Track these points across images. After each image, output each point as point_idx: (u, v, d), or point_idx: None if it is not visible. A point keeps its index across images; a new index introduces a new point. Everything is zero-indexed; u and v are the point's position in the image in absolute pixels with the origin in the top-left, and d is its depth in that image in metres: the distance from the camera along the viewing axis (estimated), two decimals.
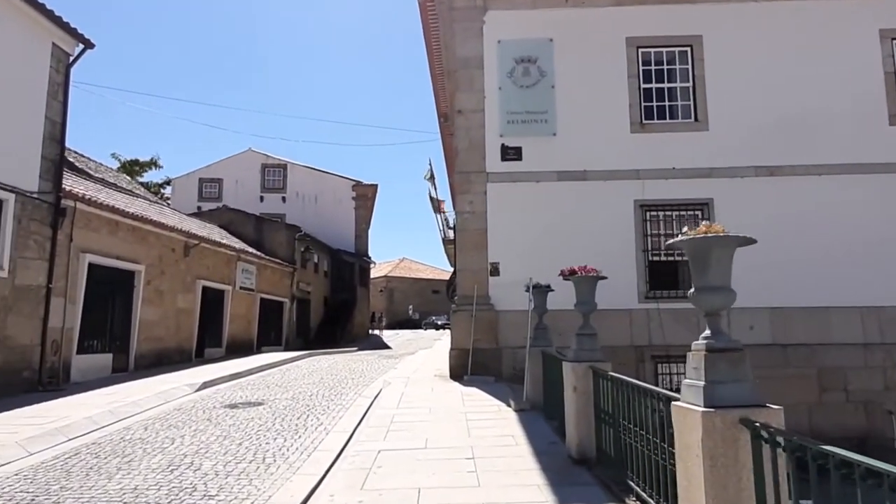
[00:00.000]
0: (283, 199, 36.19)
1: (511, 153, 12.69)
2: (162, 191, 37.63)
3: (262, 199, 35.70)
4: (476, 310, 12.04)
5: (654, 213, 12.40)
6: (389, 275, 62.16)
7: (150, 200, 20.57)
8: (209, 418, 8.91)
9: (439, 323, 52.91)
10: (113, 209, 13.02)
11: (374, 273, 52.14)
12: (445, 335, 39.45)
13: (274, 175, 36.71)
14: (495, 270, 12.37)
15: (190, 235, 16.88)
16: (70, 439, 7.63)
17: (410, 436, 7.13)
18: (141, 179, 35.90)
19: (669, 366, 11.81)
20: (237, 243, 22.25)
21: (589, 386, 5.66)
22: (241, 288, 20.80)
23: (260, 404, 10.11)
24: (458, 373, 11.98)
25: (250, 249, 22.69)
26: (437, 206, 21.94)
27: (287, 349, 24.71)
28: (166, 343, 15.80)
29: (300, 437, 7.64)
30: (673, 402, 3.47)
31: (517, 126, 12.74)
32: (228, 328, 19.87)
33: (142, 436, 7.83)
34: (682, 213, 12.36)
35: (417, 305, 59.88)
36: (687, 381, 3.31)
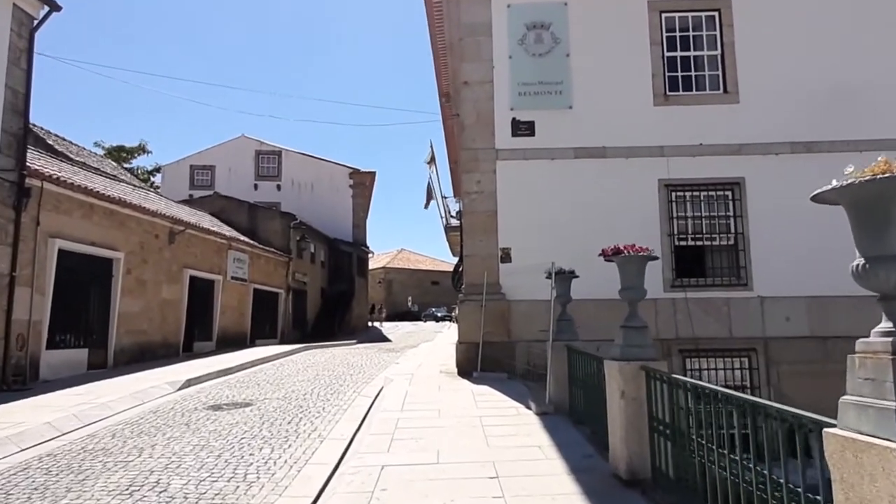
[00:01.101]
0: (278, 186, 35.01)
1: (523, 128, 11.59)
2: (151, 178, 36.43)
3: (256, 186, 34.51)
4: (486, 300, 10.98)
5: (679, 193, 11.32)
6: (388, 266, 61.07)
7: (135, 185, 19.43)
8: (188, 423, 7.84)
9: (439, 315, 51.95)
10: (86, 190, 11.88)
11: (373, 264, 51.00)
12: (446, 327, 38.43)
13: (268, 162, 35.50)
14: (506, 256, 11.29)
15: (175, 221, 15.76)
16: (22, 450, 6.56)
17: (419, 446, 6.07)
18: (128, 166, 34.62)
19: (699, 360, 10.76)
20: (228, 231, 21.13)
21: (641, 391, 4.60)
22: (232, 278, 19.70)
23: (247, 405, 9.04)
24: (467, 369, 10.93)
25: (242, 237, 21.56)
26: (431, 194, 20.80)
27: (282, 342, 23.65)
28: (150, 337, 14.72)
29: (290, 445, 6.59)
30: (829, 431, 2.38)
31: (529, 98, 11.63)
32: (219, 320, 18.79)
33: (106, 445, 6.76)
34: (711, 192, 11.29)
35: (416, 297, 58.84)
36: (853, 398, 2.24)
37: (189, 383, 11.08)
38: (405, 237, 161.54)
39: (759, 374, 10.64)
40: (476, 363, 10.84)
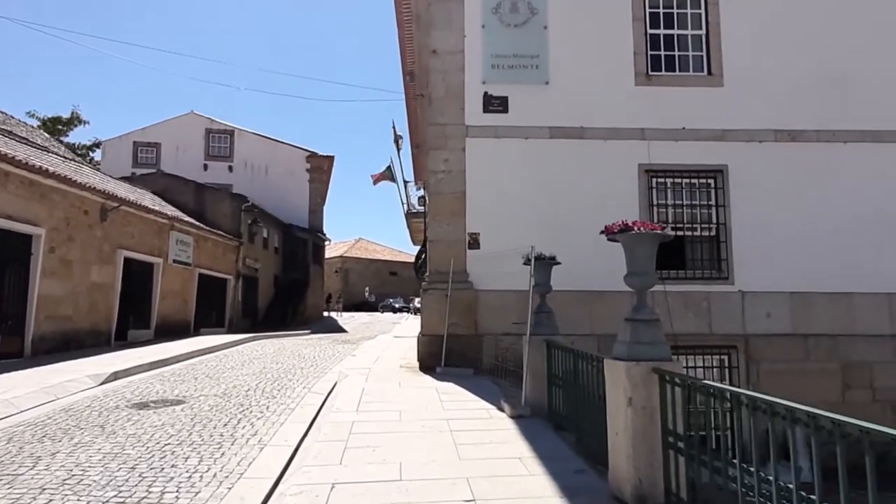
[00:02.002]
0: (230, 168, 33.24)
1: (495, 103, 10.69)
2: (91, 154, 34.03)
3: (205, 167, 32.66)
4: (452, 288, 10.06)
5: (660, 179, 10.63)
6: (345, 255, 59.54)
7: (66, 158, 17.69)
8: (104, 424, 6.67)
9: (397, 306, 50.88)
10: None
11: (329, 252, 49.49)
12: (404, 318, 37.47)
13: (220, 142, 33.64)
14: (475, 242, 10.40)
15: (108, 196, 14.25)
16: None
17: (377, 457, 5.11)
18: (67, 140, 32.21)
19: (677, 358, 10.07)
20: (171, 210, 19.58)
21: (653, 398, 3.76)
22: (174, 261, 18.21)
23: (179, 403, 7.90)
24: (430, 363, 10.01)
25: (187, 218, 20.03)
26: (390, 175, 19.76)
27: (230, 331, 22.24)
28: (76, 324, 13.26)
29: (223, 454, 5.54)
30: None
31: (503, 72, 10.73)
32: (158, 307, 17.32)
33: None
34: (693, 180, 10.63)
35: (374, 287, 57.58)
36: None
37: (115, 376, 9.83)
38: (363, 226, 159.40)
39: (739, 372, 10.08)
40: (440, 357, 9.93)
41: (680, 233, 10.55)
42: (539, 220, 10.23)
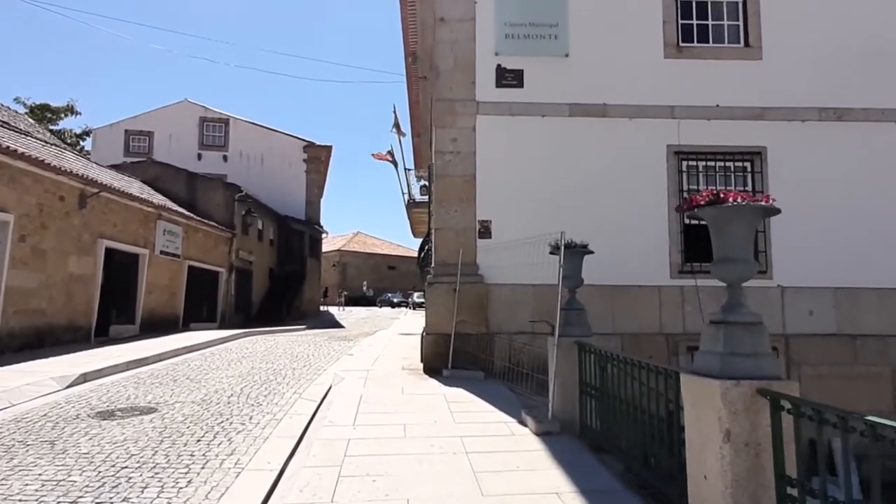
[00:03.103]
0: (225, 157, 32.10)
1: (509, 77, 9.64)
2: (81, 143, 32.89)
3: (199, 157, 31.52)
4: (461, 282, 9.04)
5: (692, 162, 9.61)
6: (343, 249, 58.46)
7: (48, 143, 16.59)
8: (55, 440, 5.65)
9: (395, 301, 49.90)
10: None
11: (327, 246, 48.47)
12: (402, 314, 36.45)
13: (214, 131, 32.50)
14: (486, 231, 9.37)
15: (87, 182, 13.18)
16: None
17: (378, 491, 4.09)
18: (55, 128, 31.06)
19: None
20: (159, 198, 18.50)
21: (760, 431, 2.74)
22: (162, 252, 17.14)
23: (150, 411, 6.88)
24: (435, 365, 9.00)
25: (175, 207, 18.94)
26: (391, 160, 18.72)
27: (222, 327, 21.21)
28: (50, 318, 12.21)
29: (190, 481, 4.53)
30: None
31: (518, 42, 9.68)
32: (144, 301, 16.26)
33: None
34: (728, 163, 9.60)
35: (372, 282, 56.57)
36: None
37: (85, 378, 8.80)
38: (362, 220, 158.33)
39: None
40: (446, 358, 8.92)
41: None
42: (557, 206, 9.21)
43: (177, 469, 4.85)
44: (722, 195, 3.08)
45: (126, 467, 4.87)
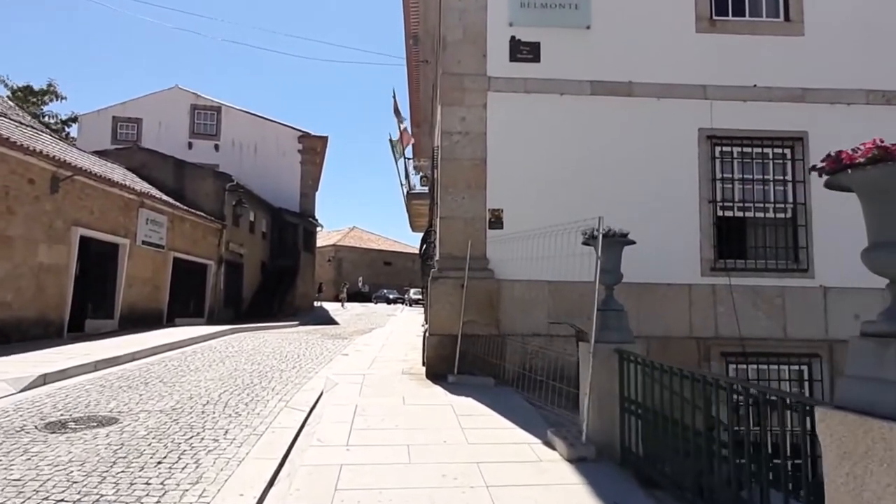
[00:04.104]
0: (216, 147, 31.00)
1: (525, 51, 8.68)
2: (67, 129, 31.70)
3: (190, 145, 30.40)
4: (469, 277, 8.08)
5: (726, 147, 8.67)
6: (338, 244, 57.36)
7: (24, 125, 15.52)
8: None
9: (391, 297, 48.93)
10: None
11: (322, 241, 47.46)
12: (399, 310, 35.49)
13: (206, 119, 31.38)
14: (497, 220, 8.42)
15: (60, 164, 12.14)
16: None
17: None
18: (39, 112, 29.86)
19: (747, 368, 8.19)
20: (143, 185, 17.45)
21: None
22: (144, 243, 16.11)
23: (109, 423, 5.91)
24: (440, 369, 8.04)
25: (160, 195, 17.90)
26: (400, 149, 17.72)
27: (210, 322, 20.20)
28: (17, 311, 11.20)
29: None
30: None
31: (535, 12, 8.71)
32: (124, 294, 15.23)
33: None
34: (766, 149, 8.67)
35: (368, 278, 55.54)
36: None
37: (45, 380, 7.82)
38: (358, 215, 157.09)
39: (823, 387, 8.16)
40: (452, 362, 7.96)
41: (748, 214, 8.61)
42: (575, 195, 8.27)
43: (126, 500, 3.89)
44: (891, 147, 2.12)
45: (62, 500, 3.90)
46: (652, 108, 8.62)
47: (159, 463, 4.70)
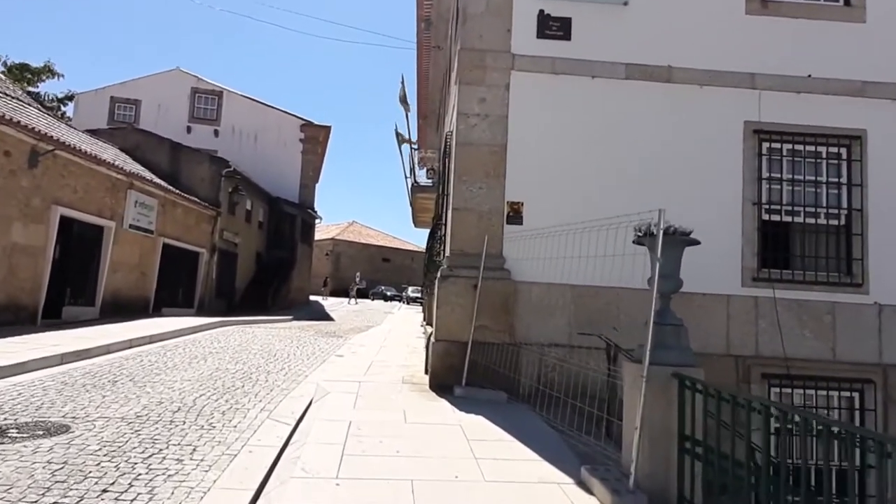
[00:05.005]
0: (216, 132, 30.05)
1: (554, 27, 7.76)
2: (62, 108, 30.73)
3: (189, 130, 29.44)
4: (483, 276, 7.17)
5: (774, 144, 7.75)
6: (337, 238, 56.39)
7: (11, 97, 14.57)
8: None
9: (389, 294, 48.05)
10: None
11: (320, 234, 46.47)
12: (396, 308, 34.58)
13: (206, 103, 30.42)
14: (516, 215, 7.51)
15: (40, 137, 11.21)
16: None
17: None
18: (34, 90, 28.86)
19: (792, 392, 7.28)
20: (135, 167, 16.52)
21: None
22: (132, 226, 15.18)
23: (59, 432, 4.99)
24: (445, 380, 7.13)
25: (152, 177, 16.96)
26: (402, 139, 16.82)
27: (200, 314, 19.30)
28: None
29: None
30: None
31: None
32: (107, 280, 14.31)
33: None
34: (819, 147, 7.76)
35: (365, 273, 54.52)
36: None
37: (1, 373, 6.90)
38: (358, 209, 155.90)
39: (876, 417, 7.26)
40: (459, 373, 7.04)
41: (797, 218, 7.70)
42: (604, 189, 7.38)
43: None
44: None
45: None
46: (693, 97, 7.71)
47: (104, 491, 3.80)
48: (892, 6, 7.90)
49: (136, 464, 4.33)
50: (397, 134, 17.28)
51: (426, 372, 7.97)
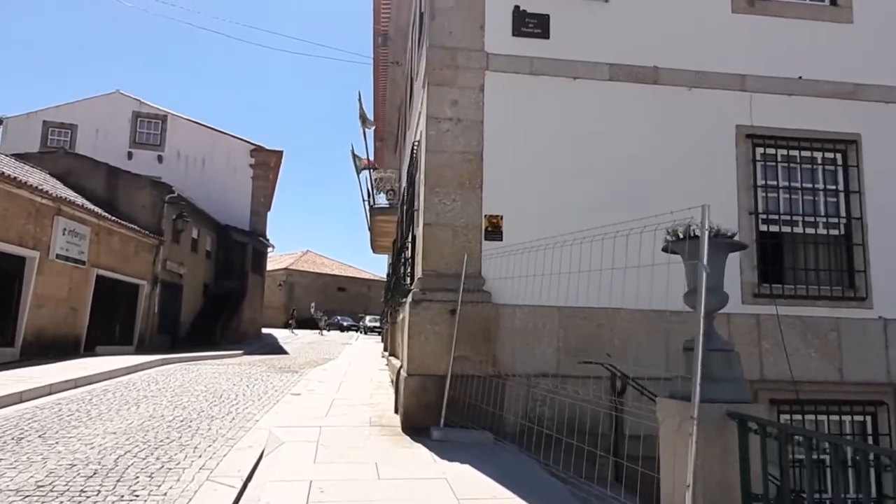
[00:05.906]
0: (160, 158, 28.40)
1: (531, 24, 7.09)
2: None
3: (130, 155, 27.70)
4: (462, 300, 6.28)
5: (769, 149, 7.21)
6: (290, 267, 54.55)
7: None
8: None
9: (345, 324, 46.54)
10: None
11: (273, 265, 44.81)
12: (353, 338, 33.22)
13: (149, 128, 28.81)
14: (495, 229, 6.69)
15: None
16: None
17: None
18: None
19: (802, 419, 6.60)
20: (66, 192, 15.05)
21: None
22: (60, 256, 13.68)
23: None
24: (420, 421, 6.14)
25: (83, 201, 15.48)
26: (360, 163, 15.93)
27: (140, 351, 17.68)
28: None
29: None
30: None
31: None
32: (29, 317, 12.73)
33: None
34: (814, 152, 7.26)
35: (320, 303, 52.79)
36: None
37: None
38: (312, 238, 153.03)
39: (891, 441, 6.64)
40: (437, 411, 6.08)
41: (796, 228, 7.14)
42: (590, 198, 6.66)
43: None
44: None
45: None
46: (682, 99, 7.13)
47: None
48: (878, 7, 7.56)
49: None
50: (354, 156, 16.37)
51: (396, 411, 6.97)
